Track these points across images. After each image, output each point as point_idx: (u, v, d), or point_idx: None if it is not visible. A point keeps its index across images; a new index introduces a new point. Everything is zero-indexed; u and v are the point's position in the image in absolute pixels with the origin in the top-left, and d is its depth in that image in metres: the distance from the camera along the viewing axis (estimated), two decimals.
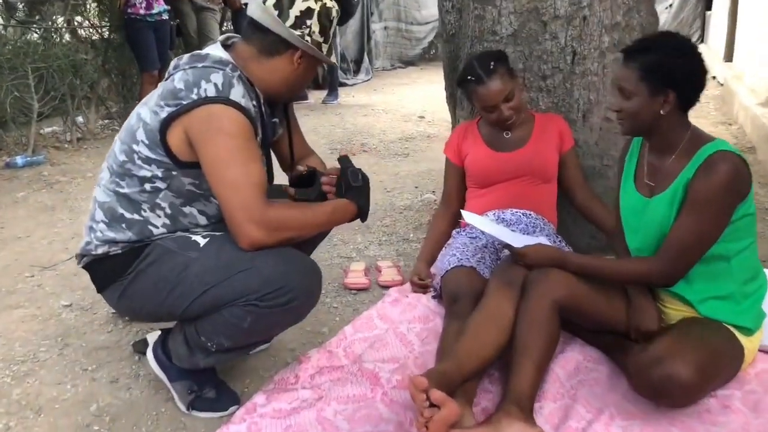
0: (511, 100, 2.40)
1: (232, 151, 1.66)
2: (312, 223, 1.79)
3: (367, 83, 8.86)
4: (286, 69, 1.83)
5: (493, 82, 2.38)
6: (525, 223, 2.42)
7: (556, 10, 2.60)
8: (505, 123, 2.44)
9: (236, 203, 1.64)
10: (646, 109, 1.84)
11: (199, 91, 1.67)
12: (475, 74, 2.40)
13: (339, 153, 4.80)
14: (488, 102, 2.40)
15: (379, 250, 3.06)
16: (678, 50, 1.80)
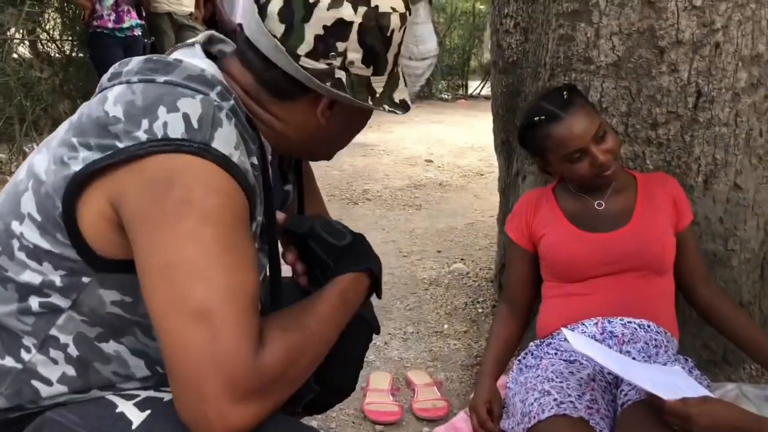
0: (603, 138, 1.63)
1: (208, 249, 0.85)
2: (323, 338, 0.98)
3: None
4: (307, 120, 1.05)
5: (575, 115, 1.62)
6: (644, 341, 1.63)
7: (678, 32, 1.84)
8: (603, 173, 1.65)
9: (202, 353, 0.82)
10: None
11: (151, 127, 0.87)
12: (546, 112, 1.64)
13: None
14: (573, 144, 1.62)
15: (405, 349, 2.23)
16: None
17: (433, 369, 2.10)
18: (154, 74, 0.93)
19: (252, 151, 0.97)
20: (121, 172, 0.86)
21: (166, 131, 0.86)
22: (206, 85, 0.93)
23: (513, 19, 2.25)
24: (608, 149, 1.64)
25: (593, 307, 1.68)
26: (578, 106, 1.64)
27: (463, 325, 2.39)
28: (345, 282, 1.06)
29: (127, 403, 0.91)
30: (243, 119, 0.96)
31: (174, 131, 0.87)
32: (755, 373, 2.02)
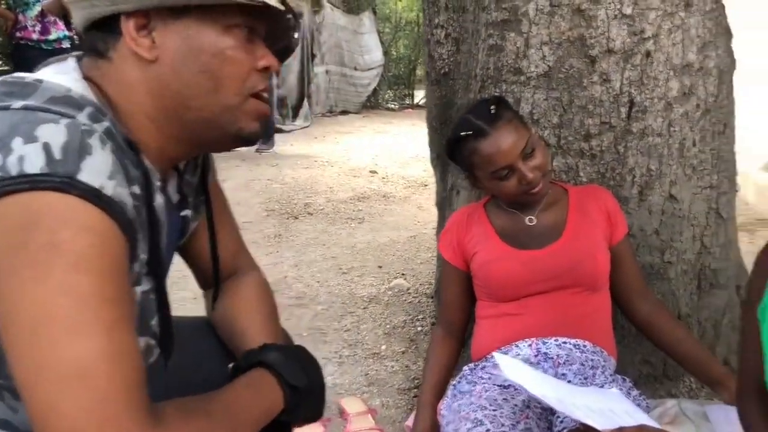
0: (531, 155, 1.57)
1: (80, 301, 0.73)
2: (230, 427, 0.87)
3: (305, 130, 8.00)
4: (135, 68, 0.89)
5: (502, 131, 1.54)
6: (579, 362, 1.56)
7: (609, 41, 1.80)
8: (531, 191, 1.59)
9: (83, 425, 0.70)
10: None
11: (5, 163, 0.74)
12: (473, 126, 1.57)
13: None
14: (500, 161, 1.55)
15: (341, 374, 2.13)
16: None
17: (368, 395, 2.00)
18: (10, 99, 0.80)
19: (133, 179, 0.85)
20: None
21: (23, 166, 0.74)
22: (73, 106, 0.81)
23: (444, 29, 2.19)
24: (537, 166, 1.58)
25: (527, 327, 1.61)
26: (506, 120, 1.57)
27: (401, 345, 2.31)
28: (256, 380, 0.96)
29: None
30: (121, 141, 0.84)
31: (32, 166, 0.74)
32: (695, 386, 1.98)
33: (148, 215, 0.87)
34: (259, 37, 0.95)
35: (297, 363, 1.01)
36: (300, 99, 8.87)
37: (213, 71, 0.90)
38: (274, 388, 0.96)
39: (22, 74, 0.85)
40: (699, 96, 1.90)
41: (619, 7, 1.79)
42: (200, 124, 0.92)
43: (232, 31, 0.91)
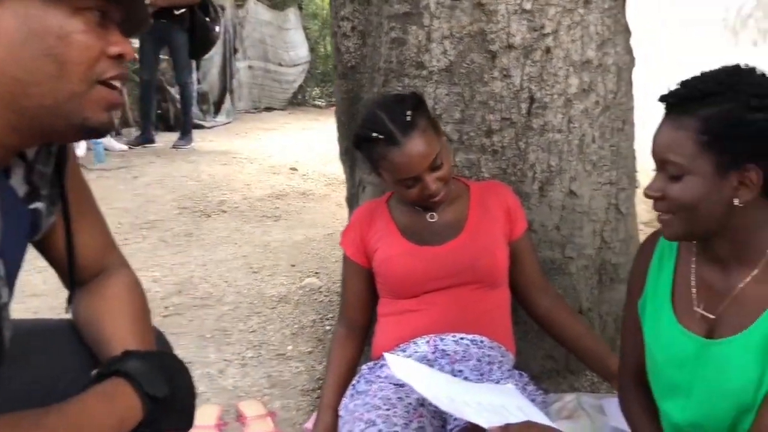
0: (439, 167, 1.54)
1: None
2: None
3: (227, 126, 7.82)
4: None
5: (414, 142, 1.51)
6: (476, 357, 1.55)
7: (509, 36, 1.80)
8: (431, 201, 1.57)
9: None
10: (710, 197, 1.07)
11: None
12: (386, 131, 1.52)
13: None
14: (408, 172, 1.53)
15: (242, 376, 2.06)
16: (764, 97, 1.03)
17: (269, 397, 1.93)
18: None
19: None
20: None
21: None
22: None
23: (350, 21, 2.14)
24: (441, 177, 1.55)
25: (426, 323, 1.59)
26: (420, 130, 1.52)
27: (308, 345, 2.25)
28: (110, 389, 0.88)
29: None
30: None
31: None
32: (596, 380, 2.00)
33: None
34: (113, 23, 0.88)
35: (160, 371, 0.94)
36: (222, 94, 8.66)
37: (57, 55, 0.82)
38: (130, 398, 0.89)
39: None
40: (598, 93, 1.92)
41: (519, 3, 1.79)
42: (42, 112, 0.83)
43: (82, 14, 0.83)
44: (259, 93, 9.82)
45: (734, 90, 1.04)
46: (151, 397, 0.89)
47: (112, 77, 0.86)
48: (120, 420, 0.86)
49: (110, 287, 1.08)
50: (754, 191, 1.04)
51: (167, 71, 7.12)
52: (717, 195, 1.05)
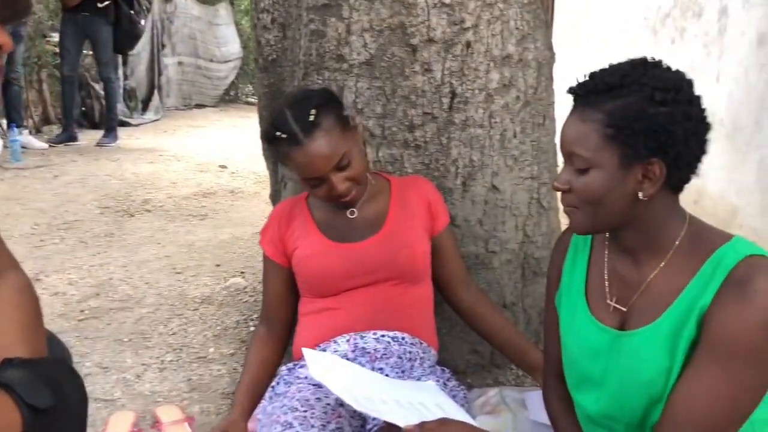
0: (346, 167, 1.51)
1: None
2: None
3: (155, 124, 7.60)
4: None
5: (316, 142, 1.47)
6: (397, 354, 1.53)
7: (430, 30, 1.78)
8: (341, 200, 1.55)
9: None
10: (614, 190, 1.07)
11: None
12: (288, 130, 1.48)
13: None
14: (311, 173, 1.49)
15: (161, 380, 1.98)
16: (666, 90, 1.04)
17: (188, 402, 1.87)
18: None
19: None
20: None
21: None
22: None
23: (270, 14, 2.09)
24: (351, 177, 1.51)
25: (346, 322, 1.55)
26: (324, 130, 1.47)
27: (230, 347, 2.19)
28: None
29: None
30: None
31: None
32: (521, 374, 2.02)
33: None
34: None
35: (45, 379, 0.88)
36: (150, 91, 8.41)
37: None
38: (8, 409, 0.82)
39: None
40: (519, 88, 1.93)
41: None
42: None
43: None
44: (189, 90, 9.59)
45: (639, 83, 1.04)
46: (33, 408, 0.83)
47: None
48: None
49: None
50: (658, 185, 1.05)
51: (92, 66, 6.86)
52: (621, 188, 1.05)
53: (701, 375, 1.03)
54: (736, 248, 1.07)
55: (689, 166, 1.06)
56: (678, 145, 1.02)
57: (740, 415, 1.03)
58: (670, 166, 1.04)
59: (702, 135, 1.06)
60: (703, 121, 1.06)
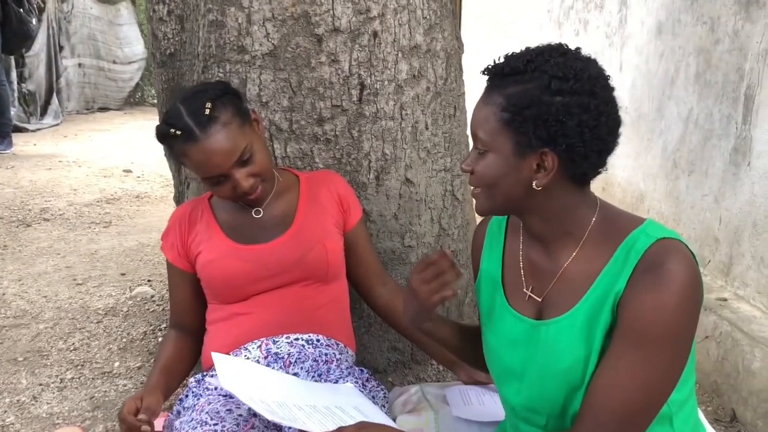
0: (249, 161, 1.43)
1: None
2: None
3: (54, 129, 7.21)
4: None
5: (213, 137, 1.38)
6: (312, 358, 1.47)
7: (335, 19, 1.72)
8: (248, 198, 1.46)
9: None
10: (508, 176, 1.05)
11: None
12: (182, 126, 1.39)
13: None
14: (211, 170, 1.41)
15: (60, 400, 1.84)
16: (565, 79, 1.01)
17: (91, 422, 1.74)
18: None
19: None
20: None
21: None
22: None
23: (166, 5, 1.97)
24: (255, 172, 1.44)
25: (257, 327, 1.48)
26: (221, 124, 1.39)
27: (137, 359, 2.06)
28: None
29: None
30: None
31: None
32: (441, 369, 1.99)
33: None
34: None
35: None
36: (48, 95, 7.96)
37: None
38: None
39: None
40: (429, 79, 1.90)
41: None
42: None
43: None
44: (92, 92, 9.17)
45: (540, 70, 1.01)
46: None
47: None
48: None
49: None
50: (550, 176, 1.02)
51: None
52: (516, 175, 1.02)
53: (619, 362, 1.01)
54: (648, 232, 1.05)
55: (586, 159, 1.02)
56: (571, 137, 0.99)
57: (658, 400, 1.03)
58: (564, 158, 1.01)
59: (602, 129, 1.02)
60: (606, 115, 1.02)
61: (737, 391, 1.80)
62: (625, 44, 2.84)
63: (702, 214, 2.21)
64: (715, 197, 2.14)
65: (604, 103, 1.02)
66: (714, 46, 2.17)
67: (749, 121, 1.98)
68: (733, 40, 2.07)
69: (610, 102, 1.04)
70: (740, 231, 2.00)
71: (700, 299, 1.02)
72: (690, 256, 1.01)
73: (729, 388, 1.84)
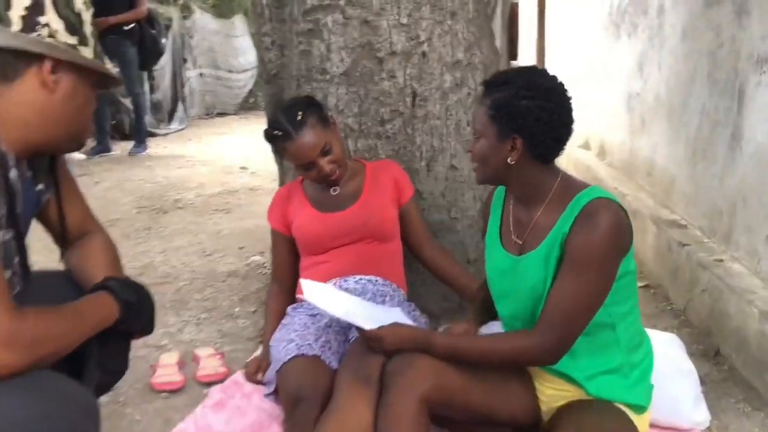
0: (329, 152, 2.02)
1: None
2: (78, 331, 1.26)
3: (180, 133, 8.19)
4: (38, 95, 1.27)
5: (304, 135, 1.99)
6: (372, 292, 2.03)
7: (392, 45, 2.29)
8: (329, 179, 2.06)
9: None
10: (493, 154, 1.56)
11: None
12: (282, 128, 2.01)
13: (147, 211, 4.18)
14: (303, 159, 2.02)
15: (198, 332, 2.51)
16: (529, 89, 1.51)
17: (220, 344, 2.39)
18: None
19: None
20: None
21: None
22: None
23: (270, 37, 2.60)
24: (333, 160, 2.03)
25: (333, 270, 2.07)
26: (309, 126, 1.99)
27: (253, 306, 2.71)
28: (97, 297, 1.35)
29: None
30: None
31: None
32: None
33: (4, 183, 1.24)
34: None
35: (131, 289, 1.41)
36: (174, 102, 9.00)
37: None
38: (110, 302, 1.35)
39: None
40: (469, 86, 2.42)
41: (398, 18, 2.27)
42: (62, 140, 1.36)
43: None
44: (211, 99, 10.17)
45: (513, 83, 1.53)
46: (125, 302, 1.36)
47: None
48: (104, 315, 1.32)
49: (92, 243, 1.54)
50: (518, 155, 1.52)
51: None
52: (498, 154, 1.54)
53: (562, 281, 1.51)
54: (590, 193, 1.55)
55: (543, 144, 1.53)
56: (531, 128, 1.50)
57: (589, 307, 1.51)
58: (528, 142, 1.52)
59: (555, 123, 1.51)
60: (558, 114, 1.51)
61: (721, 332, 2.22)
62: (663, 46, 3.23)
63: (711, 192, 2.61)
64: (720, 178, 2.53)
65: (557, 106, 1.53)
66: (718, 49, 2.56)
67: (741, 112, 2.38)
68: (731, 44, 2.46)
69: (562, 105, 1.54)
70: (735, 205, 2.39)
71: (621, 241, 1.50)
72: (619, 210, 1.50)
73: (716, 330, 2.26)
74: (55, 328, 1.19)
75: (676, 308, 2.57)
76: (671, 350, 2.00)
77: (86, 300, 1.33)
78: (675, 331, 2.35)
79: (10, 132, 1.27)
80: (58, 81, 1.28)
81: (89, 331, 1.29)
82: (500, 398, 1.64)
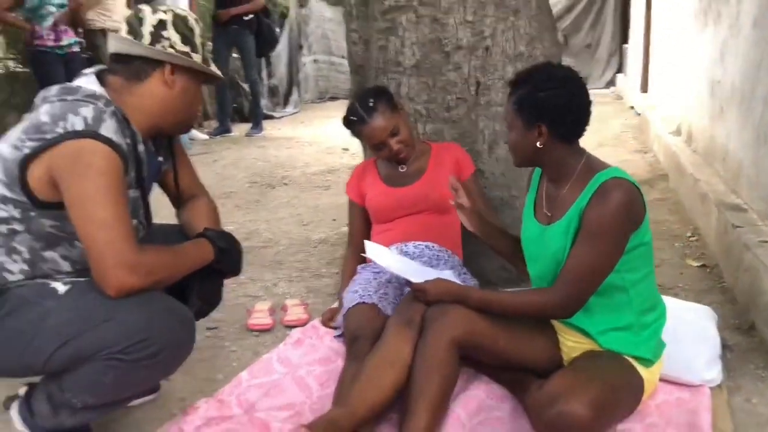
0: (397, 134, 2.37)
1: (101, 190, 1.52)
2: (183, 265, 1.69)
3: (294, 116, 8.79)
4: (161, 91, 1.70)
5: (376, 119, 2.35)
6: (428, 256, 2.36)
7: (458, 40, 2.58)
8: (398, 157, 2.40)
9: (105, 244, 1.50)
10: (523, 141, 1.83)
11: (65, 125, 1.53)
12: (357, 114, 2.38)
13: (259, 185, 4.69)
14: (375, 140, 2.37)
15: (289, 287, 2.94)
16: (546, 83, 1.78)
17: (306, 297, 2.81)
18: (65, 95, 1.61)
19: (126, 135, 1.65)
20: (51, 151, 1.53)
21: (74, 127, 1.54)
22: (95, 99, 1.61)
23: (357, 33, 2.96)
24: (402, 140, 2.37)
25: (397, 236, 2.41)
26: (379, 112, 2.35)
27: (337, 268, 3.10)
28: (198, 242, 1.78)
29: (57, 283, 1.60)
30: (120, 116, 1.64)
31: (78, 126, 1.54)
32: None
33: (134, 153, 1.67)
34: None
35: (224, 238, 1.82)
36: (289, 87, 9.63)
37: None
38: (208, 247, 1.77)
39: (70, 83, 1.65)
40: None
41: (464, 16, 2.56)
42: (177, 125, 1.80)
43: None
44: (325, 84, 10.74)
45: (533, 79, 1.80)
46: (219, 248, 1.77)
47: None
48: (203, 256, 1.74)
49: (198, 205, 1.97)
50: (545, 139, 1.79)
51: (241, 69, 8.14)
52: (526, 141, 1.82)
53: (578, 248, 1.77)
54: (609, 173, 1.80)
55: (564, 125, 1.79)
56: (552, 114, 1.77)
57: (601, 271, 1.77)
58: (551, 127, 1.79)
59: (572, 107, 1.78)
60: (573, 99, 1.78)
61: (756, 308, 2.38)
62: (739, 34, 3.31)
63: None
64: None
65: (572, 93, 1.79)
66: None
67: None
68: None
69: (577, 90, 1.80)
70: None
71: (631, 216, 1.75)
72: (631, 189, 1.75)
73: (752, 306, 2.41)
74: (166, 261, 1.62)
75: (727, 286, 2.71)
76: (701, 320, 2.19)
77: (190, 243, 1.76)
78: (719, 306, 2.50)
79: (140, 117, 1.70)
80: (175, 80, 1.71)
81: (191, 266, 1.72)
82: (526, 346, 1.92)
